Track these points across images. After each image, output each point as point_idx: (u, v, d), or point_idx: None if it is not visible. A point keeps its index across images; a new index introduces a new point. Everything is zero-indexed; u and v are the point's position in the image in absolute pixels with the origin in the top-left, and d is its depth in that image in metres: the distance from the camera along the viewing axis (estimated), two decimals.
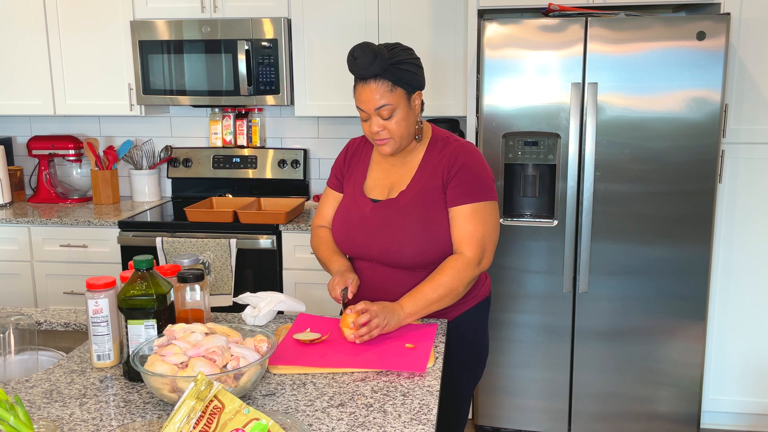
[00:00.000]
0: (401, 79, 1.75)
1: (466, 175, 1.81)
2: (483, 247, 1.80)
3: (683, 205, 2.71)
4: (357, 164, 1.97)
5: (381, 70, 1.72)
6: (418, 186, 1.84)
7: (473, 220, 1.79)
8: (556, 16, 2.69)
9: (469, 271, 1.78)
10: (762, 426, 3.06)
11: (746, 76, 2.79)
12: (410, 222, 1.81)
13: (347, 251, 1.94)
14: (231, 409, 1.11)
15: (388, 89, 1.74)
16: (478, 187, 1.81)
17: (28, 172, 3.91)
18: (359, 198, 1.91)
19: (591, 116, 2.68)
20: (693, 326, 2.79)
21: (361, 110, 1.79)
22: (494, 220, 1.83)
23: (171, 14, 3.32)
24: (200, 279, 1.60)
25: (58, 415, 1.35)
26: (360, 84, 1.76)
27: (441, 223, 1.81)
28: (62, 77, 3.45)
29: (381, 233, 1.83)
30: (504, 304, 2.88)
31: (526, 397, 2.96)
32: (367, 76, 1.73)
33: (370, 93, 1.74)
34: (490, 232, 1.82)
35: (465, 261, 1.78)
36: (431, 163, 1.85)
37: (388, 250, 1.82)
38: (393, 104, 1.75)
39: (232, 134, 3.66)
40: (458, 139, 1.90)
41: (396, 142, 1.82)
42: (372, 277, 1.89)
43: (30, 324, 1.78)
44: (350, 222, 1.90)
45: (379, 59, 1.70)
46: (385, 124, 1.78)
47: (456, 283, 1.77)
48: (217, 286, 3.12)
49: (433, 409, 1.36)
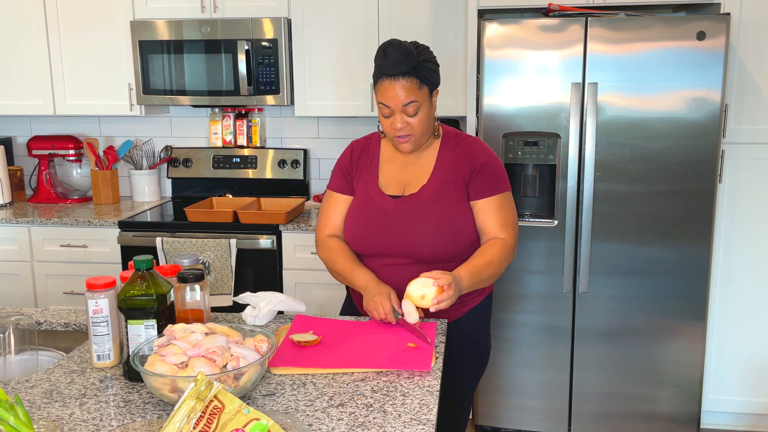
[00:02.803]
0: (426, 77, 1.79)
1: (492, 169, 1.89)
2: (516, 232, 1.90)
3: (683, 205, 2.71)
4: (366, 164, 1.97)
5: (410, 68, 1.75)
6: (440, 180, 1.87)
7: (504, 209, 1.88)
8: (556, 16, 2.69)
9: (510, 256, 1.88)
10: (762, 426, 3.06)
11: (746, 76, 2.79)
12: (432, 216, 1.83)
13: (362, 249, 1.92)
14: (231, 409, 1.11)
15: (416, 87, 1.77)
16: (502, 179, 1.91)
17: (28, 172, 3.91)
18: (376, 195, 1.91)
19: (591, 116, 2.68)
20: (693, 326, 2.79)
21: (386, 106, 1.80)
22: (515, 209, 1.95)
23: (171, 14, 3.32)
24: (200, 279, 1.60)
25: (58, 415, 1.35)
26: (387, 80, 1.77)
27: (462, 217, 1.85)
28: (62, 77, 3.45)
29: (403, 228, 1.85)
30: (504, 304, 2.88)
31: (526, 397, 2.96)
32: (397, 74, 1.75)
33: (399, 90, 1.76)
34: (517, 219, 1.93)
35: (508, 246, 1.86)
36: (449, 158, 1.89)
37: (411, 244, 1.84)
38: (419, 101, 1.79)
39: (232, 134, 3.66)
40: (468, 135, 1.96)
41: (417, 139, 1.85)
42: (388, 274, 1.88)
43: (30, 324, 1.78)
44: (368, 219, 1.90)
45: (410, 57, 1.75)
46: (409, 121, 1.81)
47: (503, 264, 1.86)
48: (217, 286, 3.12)
49: (433, 409, 1.35)
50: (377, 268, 1.90)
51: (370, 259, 1.93)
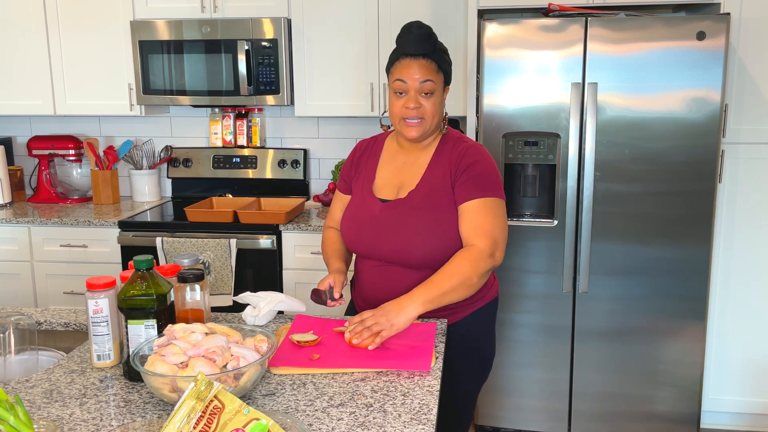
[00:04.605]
0: (443, 65, 1.83)
1: (475, 172, 1.82)
2: (494, 239, 1.79)
3: (683, 205, 2.71)
4: (365, 165, 1.98)
5: (431, 50, 1.80)
6: (428, 185, 1.85)
7: (482, 213, 1.80)
8: (556, 16, 2.69)
9: (482, 261, 1.76)
10: (762, 426, 3.06)
11: (746, 76, 2.79)
12: (420, 221, 1.82)
13: (356, 250, 1.94)
14: (231, 409, 1.11)
15: (435, 69, 1.81)
16: (487, 183, 1.82)
17: (28, 172, 3.91)
18: (368, 198, 1.91)
19: (591, 116, 2.68)
20: (693, 326, 2.79)
21: (402, 82, 1.80)
22: (504, 215, 1.85)
23: (171, 14, 3.32)
24: (200, 279, 1.60)
25: (58, 415, 1.35)
26: (407, 59, 1.80)
27: (450, 221, 1.82)
28: (62, 77, 3.45)
29: (391, 233, 1.84)
30: (504, 304, 2.88)
31: (526, 397, 2.96)
32: (418, 52, 1.79)
33: (419, 67, 1.79)
34: (500, 225, 1.82)
35: (477, 251, 1.77)
36: (440, 162, 1.87)
37: (398, 249, 1.83)
38: (435, 83, 1.81)
39: (232, 134, 3.66)
40: (469, 140, 1.92)
41: (426, 124, 1.83)
42: (380, 277, 1.89)
43: (30, 324, 1.78)
44: (360, 222, 1.90)
45: (433, 39, 1.80)
46: (422, 102, 1.81)
47: (469, 272, 1.74)
48: (217, 286, 3.12)
49: (433, 409, 1.35)
50: (368, 270, 1.91)
51: (362, 260, 1.94)
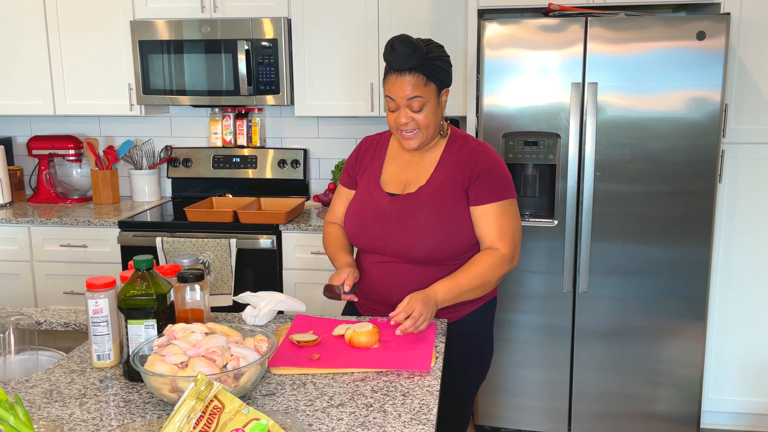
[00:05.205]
0: (434, 74, 1.79)
1: (492, 175, 1.85)
2: (515, 244, 1.85)
3: (683, 205, 2.71)
4: (371, 160, 1.98)
5: (418, 64, 1.76)
6: (438, 182, 1.86)
7: (504, 217, 1.84)
8: (556, 16, 2.69)
9: (504, 266, 1.83)
10: (762, 426, 3.06)
11: (746, 76, 2.79)
12: (427, 217, 1.83)
13: (360, 245, 1.94)
14: (231, 409, 1.11)
15: (422, 83, 1.78)
16: (504, 185, 1.86)
17: (28, 172, 3.91)
18: (375, 192, 1.91)
19: (591, 116, 2.68)
20: (693, 326, 2.79)
21: (391, 100, 1.81)
22: (519, 215, 1.90)
23: (171, 14, 3.32)
24: (200, 279, 1.60)
25: (58, 415, 1.35)
26: (394, 75, 1.79)
27: (458, 219, 1.83)
28: (62, 77, 3.45)
29: (397, 227, 1.84)
30: (504, 304, 2.88)
31: (526, 397, 2.96)
32: (403, 69, 1.76)
33: (405, 84, 1.77)
34: (519, 228, 1.88)
35: (501, 256, 1.82)
36: (450, 161, 1.88)
37: (404, 244, 1.83)
38: (425, 98, 1.79)
39: (232, 134, 3.66)
40: (476, 140, 1.94)
41: (423, 135, 1.84)
42: (384, 272, 1.89)
43: (30, 324, 1.78)
44: (365, 215, 1.91)
45: (418, 53, 1.75)
46: (414, 117, 1.81)
47: (490, 276, 1.81)
48: (217, 286, 3.12)
49: (433, 409, 1.36)
50: (372, 265, 1.91)
51: (366, 255, 1.94)
